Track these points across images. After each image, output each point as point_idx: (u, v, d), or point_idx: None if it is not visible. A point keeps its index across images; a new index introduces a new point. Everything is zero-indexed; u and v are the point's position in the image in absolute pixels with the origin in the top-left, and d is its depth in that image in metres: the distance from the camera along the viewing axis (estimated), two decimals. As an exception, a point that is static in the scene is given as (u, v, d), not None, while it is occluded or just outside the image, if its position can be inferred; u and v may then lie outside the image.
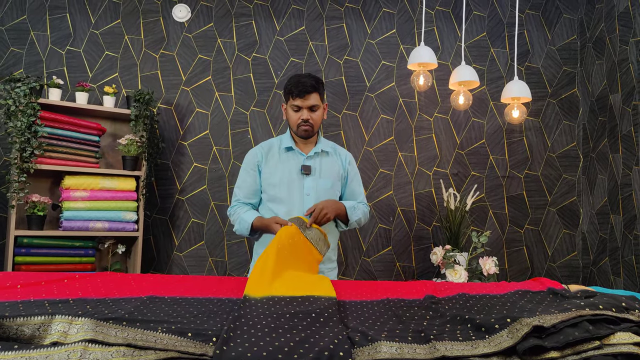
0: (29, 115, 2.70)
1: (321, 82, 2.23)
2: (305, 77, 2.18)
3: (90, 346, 1.04)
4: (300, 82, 2.16)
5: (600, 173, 3.36)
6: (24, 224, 2.85)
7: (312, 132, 2.24)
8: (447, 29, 3.57)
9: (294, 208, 2.19)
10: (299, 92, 2.15)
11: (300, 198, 2.20)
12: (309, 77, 2.19)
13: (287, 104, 2.23)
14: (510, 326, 1.16)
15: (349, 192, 2.35)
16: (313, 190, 2.21)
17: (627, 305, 1.26)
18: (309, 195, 2.20)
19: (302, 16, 3.50)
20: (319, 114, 2.23)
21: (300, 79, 2.18)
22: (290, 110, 2.22)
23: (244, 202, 2.28)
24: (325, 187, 2.24)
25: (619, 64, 3.17)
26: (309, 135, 2.24)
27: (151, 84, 3.33)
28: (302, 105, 2.17)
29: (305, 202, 2.20)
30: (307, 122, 2.19)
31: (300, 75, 2.21)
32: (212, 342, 1.10)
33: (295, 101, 2.17)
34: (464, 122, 3.54)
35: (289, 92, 2.19)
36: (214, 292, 1.61)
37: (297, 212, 2.17)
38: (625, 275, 3.06)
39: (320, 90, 2.21)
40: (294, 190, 2.21)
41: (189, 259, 3.31)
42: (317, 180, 2.23)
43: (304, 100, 2.16)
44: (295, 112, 2.20)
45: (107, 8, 3.33)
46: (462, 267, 2.89)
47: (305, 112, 2.18)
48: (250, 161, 2.30)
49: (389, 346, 1.13)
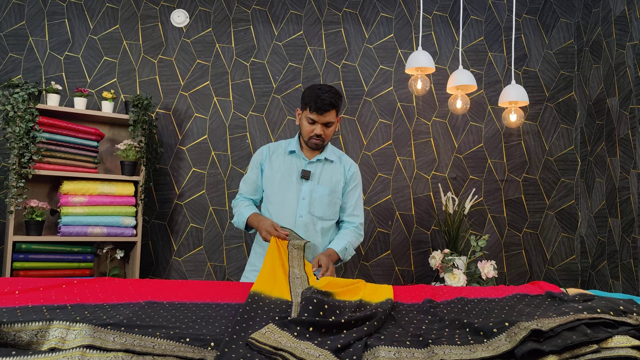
0: (28, 121, 2.70)
1: (340, 98, 2.21)
2: (325, 93, 2.15)
3: (88, 352, 1.04)
4: (320, 98, 2.13)
5: (598, 176, 3.36)
6: (23, 230, 2.85)
7: (322, 145, 2.27)
8: (445, 34, 3.58)
9: (288, 210, 2.24)
10: (317, 108, 2.14)
11: (295, 201, 2.24)
12: (329, 94, 2.16)
13: (303, 113, 2.23)
14: (509, 330, 1.16)
15: (343, 202, 2.35)
16: (308, 195, 2.24)
17: (625, 309, 1.26)
18: (304, 199, 2.24)
19: (300, 21, 3.51)
20: (332, 128, 2.24)
21: (320, 94, 2.14)
22: (304, 121, 2.22)
23: (246, 197, 2.37)
24: (321, 193, 2.26)
25: (616, 68, 3.18)
26: (318, 147, 2.28)
27: (150, 89, 3.33)
28: (318, 120, 2.18)
29: (299, 205, 2.23)
30: (320, 137, 2.21)
31: (321, 89, 2.17)
32: (210, 347, 1.10)
33: (312, 115, 2.17)
34: (462, 126, 3.54)
35: (306, 103, 2.18)
36: (213, 297, 1.61)
37: (289, 213, 2.22)
38: (624, 278, 3.06)
39: (338, 107, 2.20)
40: (290, 193, 2.25)
41: (187, 264, 3.31)
42: (315, 186, 2.26)
43: (320, 116, 2.17)
44: (309, 124, 2.21)
45: (106, 14, 3.34)
46: (461, 271, 2.89)
47: (319, 128, 2.19)
48: (255, 159, 2.38)
49: (387, 350, 1.13)
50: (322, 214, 2.26)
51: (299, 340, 1.13)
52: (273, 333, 1.16)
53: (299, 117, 2.27)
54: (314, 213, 2.25)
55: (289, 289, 1.62)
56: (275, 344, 1.11)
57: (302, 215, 2.23)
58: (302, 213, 2.23)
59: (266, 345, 1.11)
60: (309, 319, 1.22)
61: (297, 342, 1.12)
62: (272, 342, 1.11)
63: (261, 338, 1.14)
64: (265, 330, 1.17)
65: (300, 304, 1.39)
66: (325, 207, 2.26)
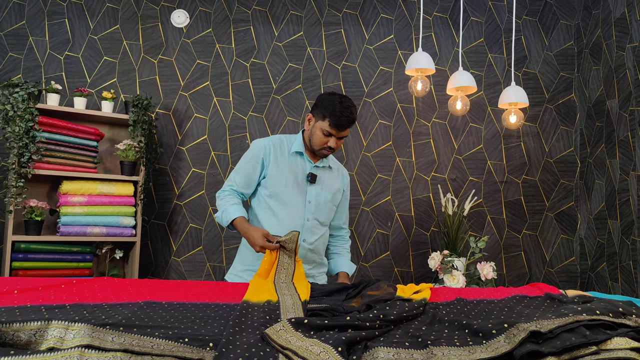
0: (27, 121, 2.70)
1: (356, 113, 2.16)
2: (348, 110, 2.07)
3: (87, 352, 1.04)
4: (343, 115, 2.06)
5: (598, 178, 3.36)
6: (22, 229, 2.85)
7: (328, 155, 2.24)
8: (445, 35, 3.58)
9: (295, 212, 2.16)
10: (339, 125, 2.08)
11: (302, 204, 2.18)
12: (352, 110, 2.09)
13: (318, 123, 2.12)
14: (508, 331, 1.16)
15: (338, 210, 2.35)
16: (314, 199, 2.20)
17: (624, 311, 1.26)
18: (310, 203, 2.19)
19: (300, 22, 3.51)
20: (343, 140, 2.20)
21: (344, 111, 2.06)
22: (319, 131, 2.12)
23: (237, 190, 2.20)
24: (326, 198, 2.22)
25: (616, 70, 3.19)
26: (325, 157, 2.23)
27: (149, 89, 3.33)
28: (335, 134, 2.11)
29: (306, 208, 2.18)
30: (332, 149, 2.14)
31: (343, 104, 2.08)
32: (209, 347, 1.10)
33: (331, 129, 2.09)
34: (462, 127, 3.54)
35: (326, 116, 2.08)
36: (212, 297, 1.61)
37: (297, 216, 2.16)
38: (623, 280, 3.06)
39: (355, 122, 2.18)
40: (297, 195, 2.18)
41: (186, 264, 3.31)
42: (319, 191, 2.21)
43: (339, 132, 2.11)
44: (324, 136, 2.11)
45: (106, 14, 3.34)
46: (460, 272, 2.89)
47: (333, 141, 2.12)
48: (256, 152, 2.20)
49: (386, 352, 1.13)
50: (324, 219, 2.24)
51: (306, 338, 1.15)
52: (286, 331, 1.17)
53: (310, 124, 2.16)
54: (319, 218, 2.21)
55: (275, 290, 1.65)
56: (284, 342, 1.12)
57: (309, 219, 2.18)
58: (309, 217, 2.18)
59: (276, 344, 1.12)
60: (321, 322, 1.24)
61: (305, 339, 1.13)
62: (283, 342, 1.13)
63: (274, 335, 1.15)
64: (279, 328, 1.19)
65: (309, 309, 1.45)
66: (327, 212, 2.24)
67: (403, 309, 1.39)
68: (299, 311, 1.42)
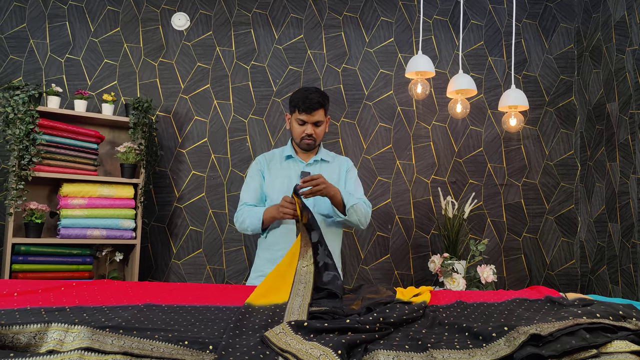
0: (28, 123, 2.70)
1: (327, 98, 2.32)
2: (312, 93, 2.25)
3: (86, 354, 1.04)
4: (307, 98, 2.23)
5: (598, 181, 3.36)
6: (22, 232, 2.85)
7: (314, 145, 2.35)
8: (445, 38, 3.59)
9: None
10: (306, 108, 2.23)
11: None
12: (316, 93, 2.26)
13: (292, 116, 2.32)
14: (508, 334, 1.16)
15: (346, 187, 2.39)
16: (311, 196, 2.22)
17: (624, 314, 1.26)
18: (308, 200, 2.21)
19: (300, 25, 3.51)
20: (322, 128, 2.34)
21: (308, 94, 2.24)
22: (295, 123, 2.31)
23: (250, 204, 2.34)
24: None
25: (616, 73, 3.19)
26: (311, 148, 2.35)
27: (150, 91, 3.34)
28: (307, 120, 2.27)
29: None
30: (311, 136, 2.29)
31: (307, 91, 2.27)
32: (208, 350, 1.10)
33: (301, 116, 2.26)
34: (462, 130, 3.55)
35: (295, 105, 2.27)
36: (212, 300, 1.61)
37: None
38: (624, 283, 3.06)
39: (325, 106, 2.30)
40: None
41: (186, 267, 3.30)
42: None
43: (309, 116, 2.26)
44: (300, 126, 2.30)
45: (107, 16, 3.34)
46: (460, 275, 2.89)
47: (309, 127, 2.28)
48: (254, 167, 2.41)
49: (386, 355, 1.13)
50: (328, 211, 2.29)
51: (306, 341, 1.14)
52: (285, 334, 1.18)
53: (289, 122, 2.36)
54: (321, 212, 2.28)
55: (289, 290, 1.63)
56: (284, 345, 1.12)
57: None
58: None
59: (276, 347, 1.12)
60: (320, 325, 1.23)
61: (305, 342, 1.13)
62: (282, 345, 1.13)
63: (273, 338, 1.16)
64: (279, 330, 1.19)
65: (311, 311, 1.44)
66: (329, 204, 2.27)
67: (403, 312, 1.39)
68: (304, 314, 1.42)
